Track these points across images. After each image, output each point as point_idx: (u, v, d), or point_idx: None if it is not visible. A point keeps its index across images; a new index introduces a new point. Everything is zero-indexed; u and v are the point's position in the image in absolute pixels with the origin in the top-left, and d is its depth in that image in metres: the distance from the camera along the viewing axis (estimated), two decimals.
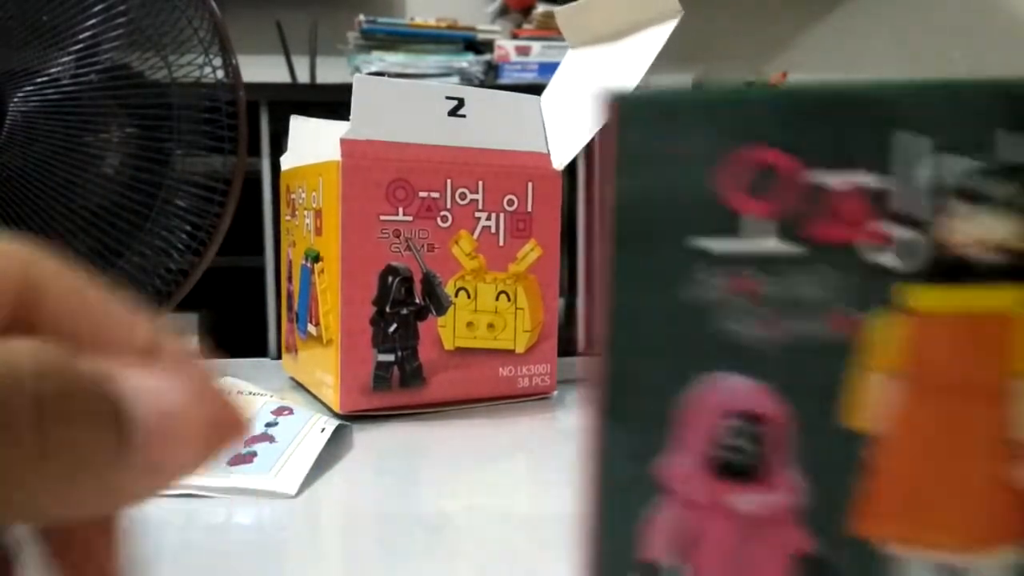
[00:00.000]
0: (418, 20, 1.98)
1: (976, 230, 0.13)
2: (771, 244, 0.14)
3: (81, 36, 0.61)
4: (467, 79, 1.88)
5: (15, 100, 0.60)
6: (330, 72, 1.97)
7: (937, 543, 0.14)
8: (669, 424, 0.14)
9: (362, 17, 1.89)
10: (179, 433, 0.13)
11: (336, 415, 0.38)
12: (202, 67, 0.66)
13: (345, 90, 0.37)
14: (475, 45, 1.98)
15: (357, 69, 1.89)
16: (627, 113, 0.14)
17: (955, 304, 0.13)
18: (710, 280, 0.14)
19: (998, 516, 0.14)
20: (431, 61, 1.91)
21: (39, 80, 0.60)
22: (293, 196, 0.45)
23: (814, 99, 0.14)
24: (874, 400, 0.14)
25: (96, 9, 0.61)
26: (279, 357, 0.49)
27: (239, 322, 2.14)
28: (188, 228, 0.93)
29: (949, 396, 0.14)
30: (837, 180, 0.14)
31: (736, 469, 0.14)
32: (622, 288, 0.14)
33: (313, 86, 1.92)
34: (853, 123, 0.14)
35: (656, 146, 0.14)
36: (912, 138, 0.13)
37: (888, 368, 0.14)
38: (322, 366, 0.39)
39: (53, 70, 0.61)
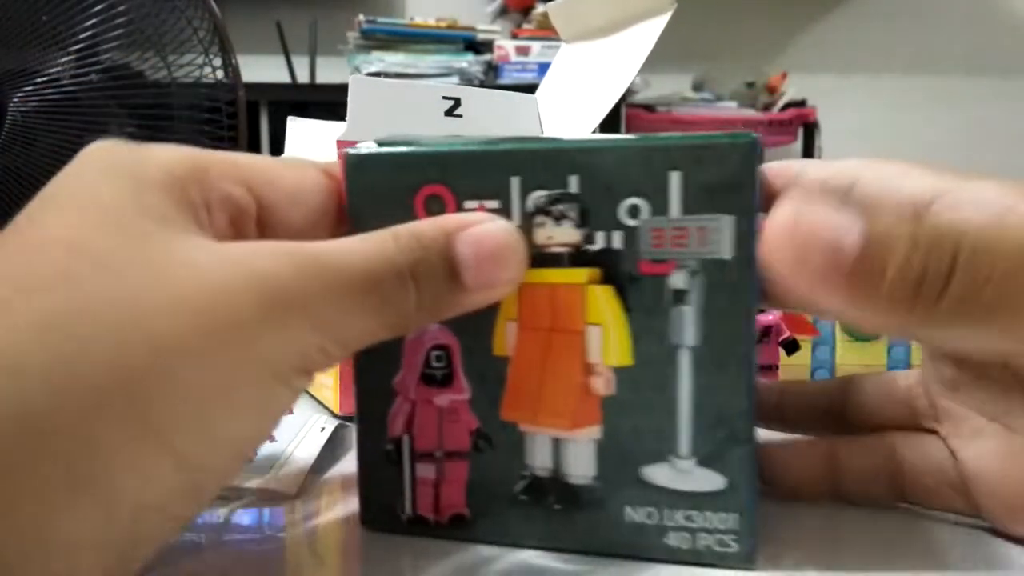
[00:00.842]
0: (418, 20, 1.98)
1: (551, 234, 0.21)
2: None
3: (81, 36, 0.61)
4: (467, 79, 1.88)
5: (15, 100, 0.60)
6: (330, 72, 1.97)
7: (551, 424, 0.22)
8: (399, 354, 0.23)
9: (362, 17, 1.89)
10: (499, 261, 0.21)
11: (336, 416, 0.38)
12: (202, 67, 0.66)
13: (345, 90, 0.37)
14: (475, 45, 1.98)
15: (357, 69, 1.89)
16: (350, 163, 0.22)
17: (545, 279, 0.22)
18: None
19: (585, 407, 0.22)
20: (431, 61, 1.91)
21: (39, 80, 0.60)
22: None
23: (461, 155, 0.22)
24: (506, 336, 0.22)
25: (96, 9, 0.61)
26: None
27: None
28: None
29: (547, 334, 0.22)
30: (476, 205, 0.22)
31: (436, 379, 0.23)
32: None
33: (313, 86, 1.92)
34: (487, 170, 0.22)
35: (372, 183, 0.22)
36: (517, 179, 0.21)
37: (511, 317, 0.22)
38: None
39: (53, 70, 0.61)
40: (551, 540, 0.22)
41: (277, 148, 1.87)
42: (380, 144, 0.23)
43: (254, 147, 1.76)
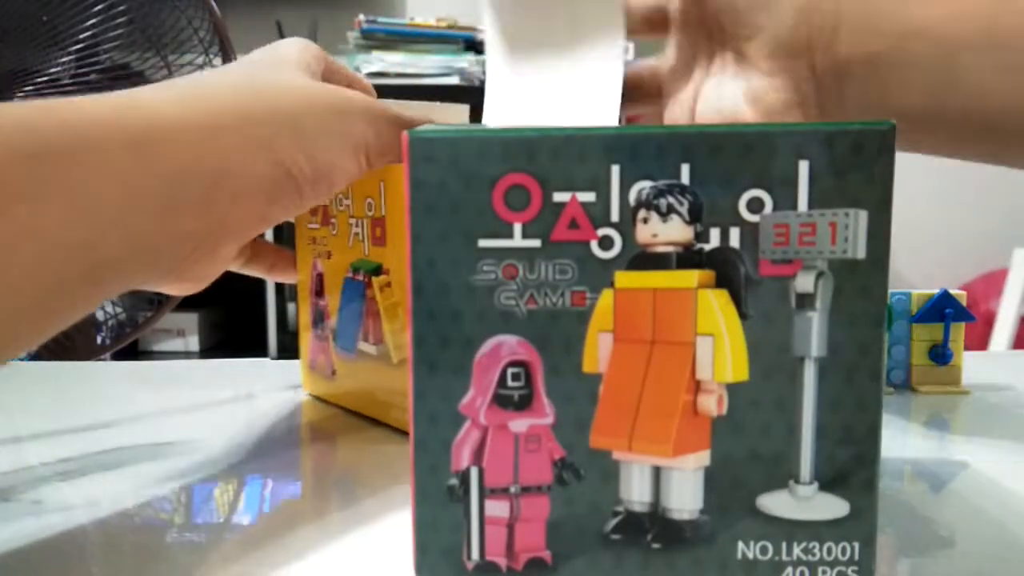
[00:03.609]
0: (418, 20, 1.98)
1: (656, 231, 0.19)
2: (527, 243, 0.19)
3: (81, 36, 0.61)
4: (467, 79, 1.88)
5: (15, 100, 0.60)
6: None
7: (649, 450, 0.19)
8: (468, 373, 0.20)
9: (362, 17, 1.89)
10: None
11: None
12: (202, 67, 0.66)
13: None
14: (475, 45, 1.98)
15: (357, 69, 1.89)
16: (416, 148, 0.19)
17: (647, 283, 0.19)
18: (492, 269, 0.19)
19: (691, 431, 0.19)
20: (431, 61, 1.91)
21: (39, 80, 0.60)
22: (327, 203, 0.39)
23: (552, 140, 0.19)
24: (598, 350, 0.19)
25: (96, 9, 0.61)
26: (279, 357, 0.49)
27: (239, 322, 2.14)
28: None
29: (648, 347, 0.19)
30: (568, 198, 0.19)
31: (513, 401, 0.20)
32: (425, 276, 0.19)
33: None
34: (582, 157, 0.19)
35: (443, 172, 0.19)
36: (617, 168, 0.19)
37: (604, 327, 0.19)
38: (389, 387, 0.35)
39: (53, 70, 0.61)
40: None
41: None
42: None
43: None
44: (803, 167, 0.18)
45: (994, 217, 2.13)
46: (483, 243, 0.19)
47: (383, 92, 0.33)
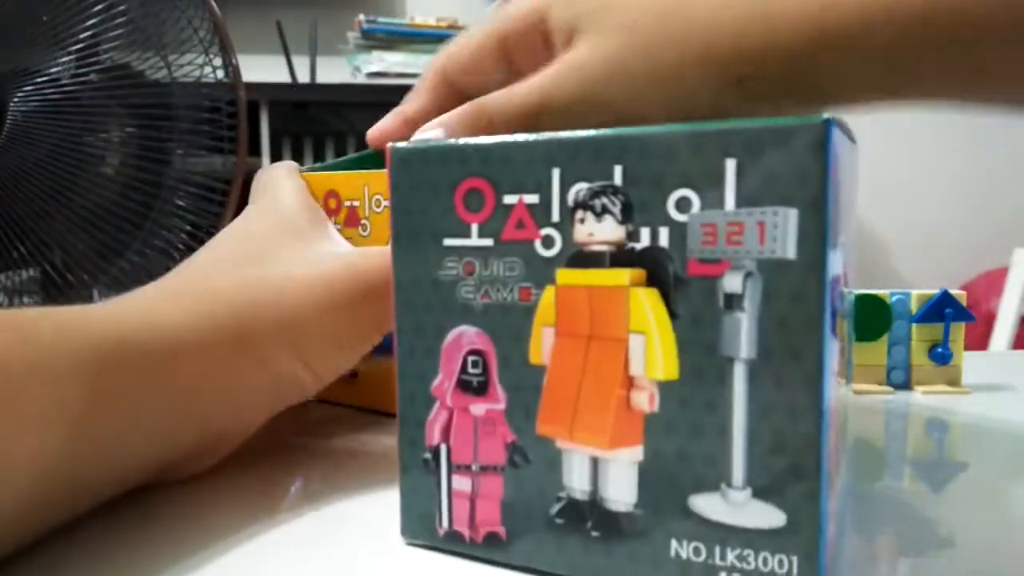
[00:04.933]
0: (418, 20, 1.98)
1: (591, 230, 0.20)
2: (481, 242, 0.21)
3: (81, 36, 0.61)
4: None
5: (15, 100, 0.60)
6: (330, 72, 1.97)
7: (587, 441, 0.20)
8: (437, 358, 0.22)
9: (362, 17, 1.89)
10: None
11: None
12: (202, 67, 0.66)
13: (345, 90, 0.36)
14: None
15: (357, 69, 1.89)
16: (396, 157, 0.22)
17: (584, 280, 0.20)
18: (455, 266, 0.21)
19: (625, 424, 0.20)
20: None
21: (39, 80, 0.60)
22: (352, 204, 0.36)
23: (503, 147, 0.21)
24: (542, 344, 0.21)
25: (96, 9, 0.61)
26: None
27: None
28: (188, 228, 0.92)
29: (586, 342, 0.20)
30: (516, 200, 0.21)
31: (472, 387, 0.21)
32: (403, 271, 0.22)
33: (313, 86, 1.92)
34: (528, 162, 0.20)
35: (416, 177, 0.22)
36: (558, 171, 0.20)
37: (547, 322, 0.20)
38: None
39: (53, 70, 0.61)
40: (587, 571, 0.20)
41: (277, 148, 1.87)
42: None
43: (254, 147, 1.76)
44: (730, 165, 0.18)
45: (994, 217, 2.14)
46: (447, 242, 0.21)
47: (383, 92, 0.34)
